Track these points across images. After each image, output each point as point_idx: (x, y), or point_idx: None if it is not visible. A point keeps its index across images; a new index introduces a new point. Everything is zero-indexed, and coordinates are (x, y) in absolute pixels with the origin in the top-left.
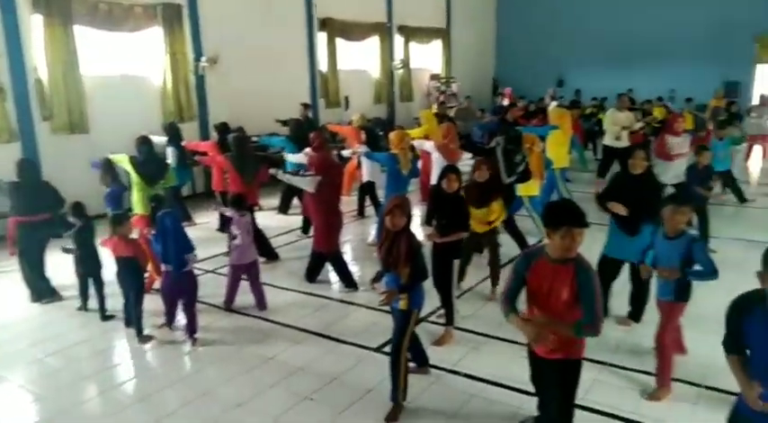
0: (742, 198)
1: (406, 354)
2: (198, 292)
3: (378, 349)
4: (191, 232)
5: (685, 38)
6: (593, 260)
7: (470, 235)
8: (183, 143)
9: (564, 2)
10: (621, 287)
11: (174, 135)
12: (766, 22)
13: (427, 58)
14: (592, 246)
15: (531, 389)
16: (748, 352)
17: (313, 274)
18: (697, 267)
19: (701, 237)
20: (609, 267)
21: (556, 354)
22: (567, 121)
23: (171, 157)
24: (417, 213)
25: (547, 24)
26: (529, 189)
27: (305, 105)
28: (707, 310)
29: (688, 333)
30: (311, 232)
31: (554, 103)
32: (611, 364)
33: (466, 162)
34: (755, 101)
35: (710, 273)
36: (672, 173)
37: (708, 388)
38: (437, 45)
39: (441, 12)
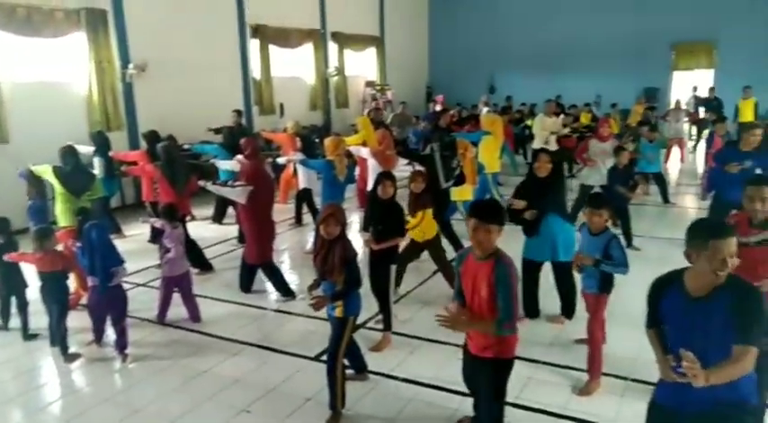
0: (666, 199)
1: (342, 361)
2: (128, 306)
3: (316, 358)
4: (121, 245)
5: (609, 45)
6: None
7: (411, 243)
8: (110, 153)
9: (494, 11)
10: (552, 287)
11: (101, 144)
12: (682, 31)
13: (362, 66)
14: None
15: (467, 389)
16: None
17: (247, 284)
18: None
19: (624, 235)
20: (529, 269)
21: (487, 352)
22: (498, 127)
23: (98, 167)
24: (356, 220)
25: (478, 33)
26: (463, 194)
27: (237, 112)
28: (633, 306)
29: (615, 329)
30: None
31: (485, 110)
32: (545, 362)
33: (402, 168)
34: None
35: (621, 266)
36: (598, 175)
37: (634, 381)
38: (371, 52)
39: (374, 20)
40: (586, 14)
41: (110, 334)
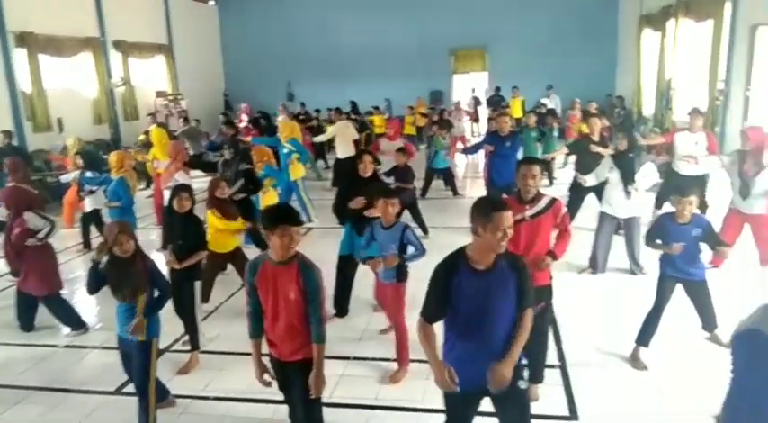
0: (455, 191)
1: (155, 387)
2: None
3: (118, 391)
4: None
5: (396, 52)
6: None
7: (214, 255)
8: None
9: (286, 19)
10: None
11: None
12: (458, 37)
13: (151, 75)
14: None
15: (281, 397)
16: (451, 318)
17: (27, 321)
18: (410, 250)
19: (420, 227)
20: (345, 265)
21: (297, 355)
22: (297, 134)
23: None
24: (156, 238)
25: (272, 40)
26: (268, 200)
27: (4, 133)
28: None
29: (416, 314)
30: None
31: (281, 118)
32: (356, 358)
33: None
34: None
35: (421, 252)
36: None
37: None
38: (160, 61)
39: (161, 27)
40: (373, 23)
41: None
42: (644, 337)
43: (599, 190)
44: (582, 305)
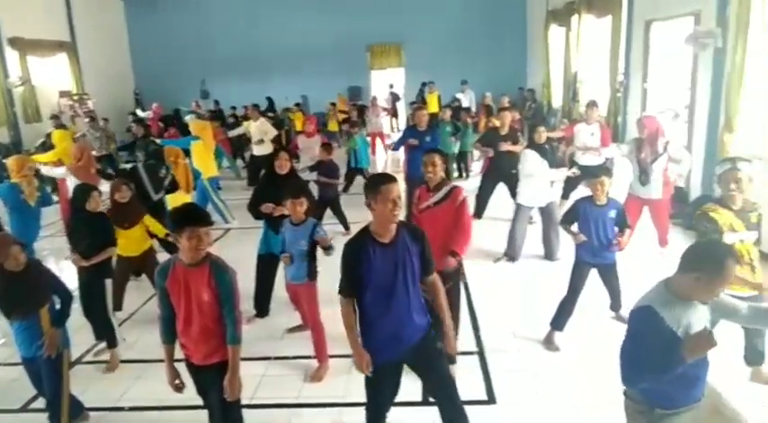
0: None
1: (68, 401)
2: None
3: (23, 408)
4: None
5: (313, 48)
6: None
7: (123, 259)
8: None
9: (198, 17)
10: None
11: None
12: (374, 33)
13: (54, 74)
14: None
15: (200, 402)
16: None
17: None
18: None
19: (341, 223)
20: (264, 265)
21: (212, 358)
22: (207, 133)
23: None
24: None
25: (185, 37)
26: (179, 201)
27: None
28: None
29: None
30: None
31: (188, 117)
32: (277, 357)
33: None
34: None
35: (332, 248)
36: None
37: None
38: (63, 59)
39: (62, 23)
40: (289, 18)
41: None
42: (558, 321)
43: (509, 180)
44: (498, 292)
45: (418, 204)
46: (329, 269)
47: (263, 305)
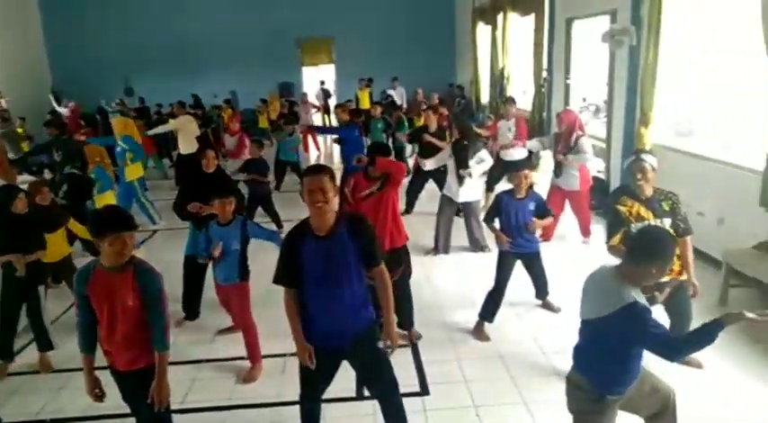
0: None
1: None
2: None
3: None
4: None
5: (242, 44)
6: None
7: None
8: None
9: (121, 8)
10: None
11: None
12: (305, 28)
13: None
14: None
15: (128, 409)
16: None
17: None
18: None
19: (273, 220)
20: (192, 266)
21: (137, 364)
22: (133, 131)
23: None
24: None
25: (106, 33)
26: (105, 201)
27: None
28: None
29: (267, 310)
30: None
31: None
32: (208, 360)
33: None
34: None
35: (274, 235)
36: (234, 167)
37: (292, 355)
38: None
39: None
40: (218, 12)
41: None
42: (487, 312)
43: (439, 176)
44: (428, 284)
45: (355, 192)
46: (260, 269)
47: (192, 307)
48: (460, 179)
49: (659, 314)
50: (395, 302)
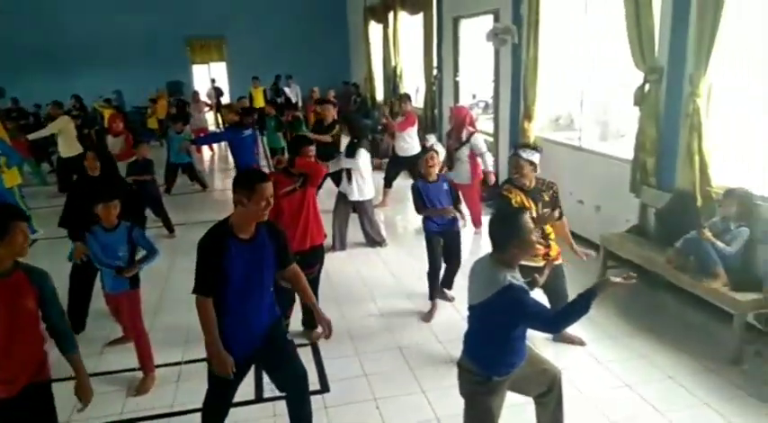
0: (204, 185)
1: None
2: None
3: None
4: None
5: (127, 42)
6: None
7: None
8: None
9: None
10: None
11: None
12: (194, 26)
13: None
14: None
15: None
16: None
17: None
18: (143, 254)
19: (165, 225)
20: (78, 275)
21: (18, 383)
22: (2, 134)
23: None
24: None
25: None
26: None
27: None
28: (182, 293)
29: (159, 317)
30: None
31: None
32: (98, 373)
33: None
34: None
35: (154, 252)
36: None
37: (187, 362)
38: None
39: None
40: (100, 10)
41: None
42: (435, 292)
43: (334, 174)
44: (327, 281)
45: (277, 190)
46: (150, 276)
47: (79, 319)
48: (350, 178)
49: (538, 295)
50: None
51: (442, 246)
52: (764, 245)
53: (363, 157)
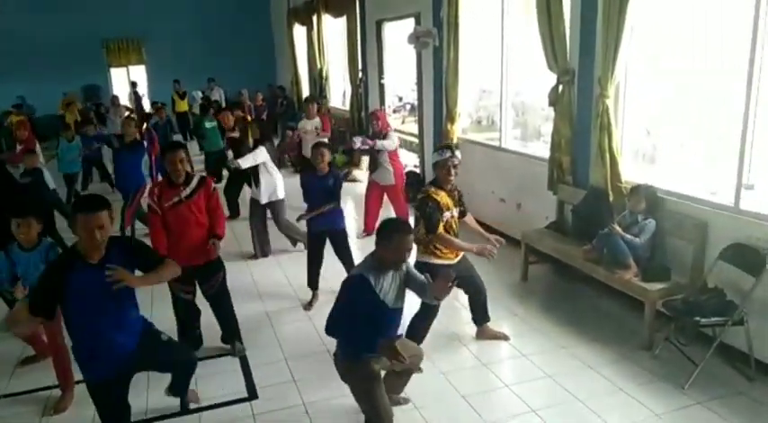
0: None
1: None
2: None
3: None
4: None
5: (36, 45)
6: None
7: None
8: None
9: None
10: None
11: None
12: (111, 28)
13: None
14: None
15: None
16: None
17: None
18: None
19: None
20: None
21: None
22: None
23: None
24: None
25: None
26: None
27: None
28: None
29: None
30: None
31: None
32: (9, 395)
33: None
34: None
35: None
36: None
37: None
38: None
39: None
40: (7, 11)
41: None
42: (313, 284)
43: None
44: (254, 289)
45: (162, 201)
46: None
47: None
48: (257, 182)
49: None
50: (223, 319)
51: (332, 244)
52: (671, 236)
53: (262, 152)
